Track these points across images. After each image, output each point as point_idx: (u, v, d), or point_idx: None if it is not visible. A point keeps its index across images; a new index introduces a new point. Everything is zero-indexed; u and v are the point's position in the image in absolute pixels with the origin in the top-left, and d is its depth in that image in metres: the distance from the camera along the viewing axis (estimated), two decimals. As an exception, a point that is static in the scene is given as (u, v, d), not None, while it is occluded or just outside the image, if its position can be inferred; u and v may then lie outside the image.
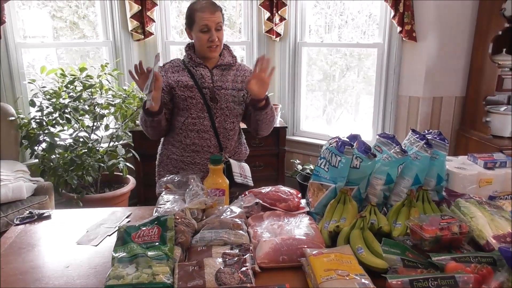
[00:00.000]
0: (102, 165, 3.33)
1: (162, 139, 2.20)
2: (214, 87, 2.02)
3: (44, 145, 3.24)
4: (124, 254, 1.27)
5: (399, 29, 3.48)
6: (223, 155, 2.06)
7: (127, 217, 1.74)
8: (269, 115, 2.06)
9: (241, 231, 1.44)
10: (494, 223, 1.40)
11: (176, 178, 1.74)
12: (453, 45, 3.53)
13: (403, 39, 3.52)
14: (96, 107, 3.33)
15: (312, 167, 3.94)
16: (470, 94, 3.60)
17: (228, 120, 2.07)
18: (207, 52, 1.99)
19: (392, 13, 3.46)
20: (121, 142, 3.51)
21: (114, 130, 3.52)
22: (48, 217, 1.73)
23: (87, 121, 3.43)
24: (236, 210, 1.58)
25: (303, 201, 1.77)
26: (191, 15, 1.95)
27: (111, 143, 3.51)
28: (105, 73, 3.47)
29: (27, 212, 1.73)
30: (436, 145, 1.67)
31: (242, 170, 2.09)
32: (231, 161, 2.06)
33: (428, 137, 1.68)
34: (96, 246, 1.50)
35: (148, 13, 3.82)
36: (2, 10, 3.11)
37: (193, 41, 2.04)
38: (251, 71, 2.13)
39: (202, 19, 1.91)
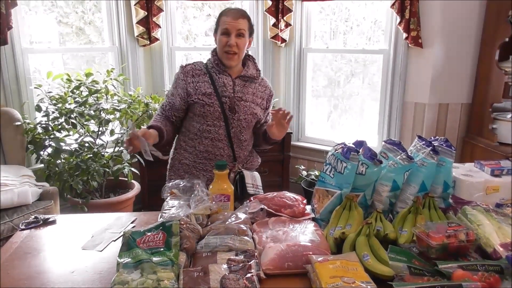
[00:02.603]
0: (107, 170, 3.34)
1: (174, 143, 2.19)
2: (234, 97, 2.00)
3: (49, 150, 3.25)
4: (129, 259, 1.27)
5: (405, 35, 3.48)
6: (236, 165, 2.05)
7: (132, 222, 1.74)
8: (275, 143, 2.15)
9: (246, 237, 1.44)
10: (501, 231, 1.39)
11: (181, 183, 1.74)
12: (460, 51, 3.52)
13: (409, 45, 3.52)
14: (101, 112, 3.34)
15: (317, 173, 3.94)
16: (476, 101, 3.59)
17: (244, 131, 2.05)
18: (224, 58, 1.97)
19: (398, 19, 3.46)
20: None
21: (120, 135, 3.53)
22: (53, 222, 1.73)
23: (93, 126, 3.44)
24: (241, 216, 1.57)
25: (308, 207, 1.76)
26: (218, 19, 1.99)
27: (116, 148, 3.51)
28: (111, 79, 3.48)
29: (33, 217, 1.74)
30: (442, 152, 1.66)
31: (254, 180, 2.07)
32: (244, 172, 2.04)
33: (435, 144, 1.67)
34: (101, 251, 1.50)
35: (154, 19, 3.84)
36: (9, 15, 3.13)
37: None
38: (271, 89, 2.15)
39: (224, 22, 1.93)
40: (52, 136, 3.22)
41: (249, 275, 1.22)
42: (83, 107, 3.25)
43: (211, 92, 1.98)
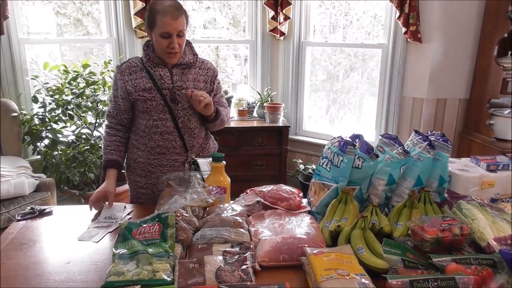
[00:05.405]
0: (104, 162, 3.34)
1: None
2: (174, 88, 1.93)
3: (46, 141, 3.25)
4: (125, 250, 1.27)
5: (404, 30, 3.47)
6: (189, 155, 2.00)
7: (128, 214, 1.75)
8: (217, 125, 2.07)
9: (242, 230, 1.44)
10: (495, 225, 1.40)
11: (173, 176, 1.74)
12: (458, 47, 3.52)
13: (408, 40, 3.51)
14: (98, 104, 3.33)
15: (314, 167, 3.94)
16: (474, 97, 3.59)
17: (192, 119, 1.99)
18: (166, 58, 1.89)
19: (397, 14, 3.45)
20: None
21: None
22: (50, 213, 1.73)
23: (90, 117, 3.43)
24: (237, 208, 1.58)
25: (304, 201, 1.76)
26: (152, 16, 1.81)
27: (114, 140, 3.51)
28: (108, 70, 3.47)
29: (29, 208, 1.74)
30: (439, 147, 1.66)
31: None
32: (198, 160, 1.98)
33: (431, 139, 1.67)
34: (97, 242, 1.50)
35: (152, 11, 3.81)
36: (5, 5, 3.11)
37: (152, 40, 1.93)
38: (214, 70, 2.06)
39: (163, 24, 1.78)
40: (49, 128, 3.22)
41: (244, 267, 1.23)
42: (80, 98, 3.24)
43: (150, 87, 1.91)
